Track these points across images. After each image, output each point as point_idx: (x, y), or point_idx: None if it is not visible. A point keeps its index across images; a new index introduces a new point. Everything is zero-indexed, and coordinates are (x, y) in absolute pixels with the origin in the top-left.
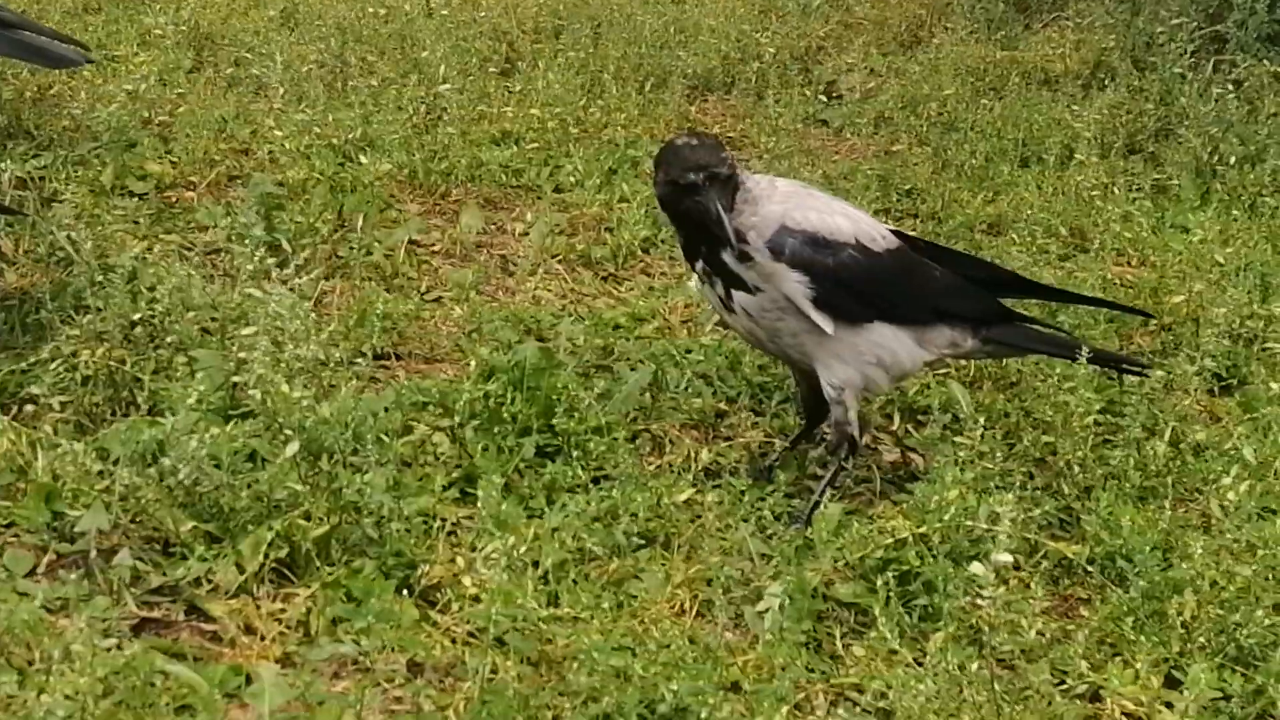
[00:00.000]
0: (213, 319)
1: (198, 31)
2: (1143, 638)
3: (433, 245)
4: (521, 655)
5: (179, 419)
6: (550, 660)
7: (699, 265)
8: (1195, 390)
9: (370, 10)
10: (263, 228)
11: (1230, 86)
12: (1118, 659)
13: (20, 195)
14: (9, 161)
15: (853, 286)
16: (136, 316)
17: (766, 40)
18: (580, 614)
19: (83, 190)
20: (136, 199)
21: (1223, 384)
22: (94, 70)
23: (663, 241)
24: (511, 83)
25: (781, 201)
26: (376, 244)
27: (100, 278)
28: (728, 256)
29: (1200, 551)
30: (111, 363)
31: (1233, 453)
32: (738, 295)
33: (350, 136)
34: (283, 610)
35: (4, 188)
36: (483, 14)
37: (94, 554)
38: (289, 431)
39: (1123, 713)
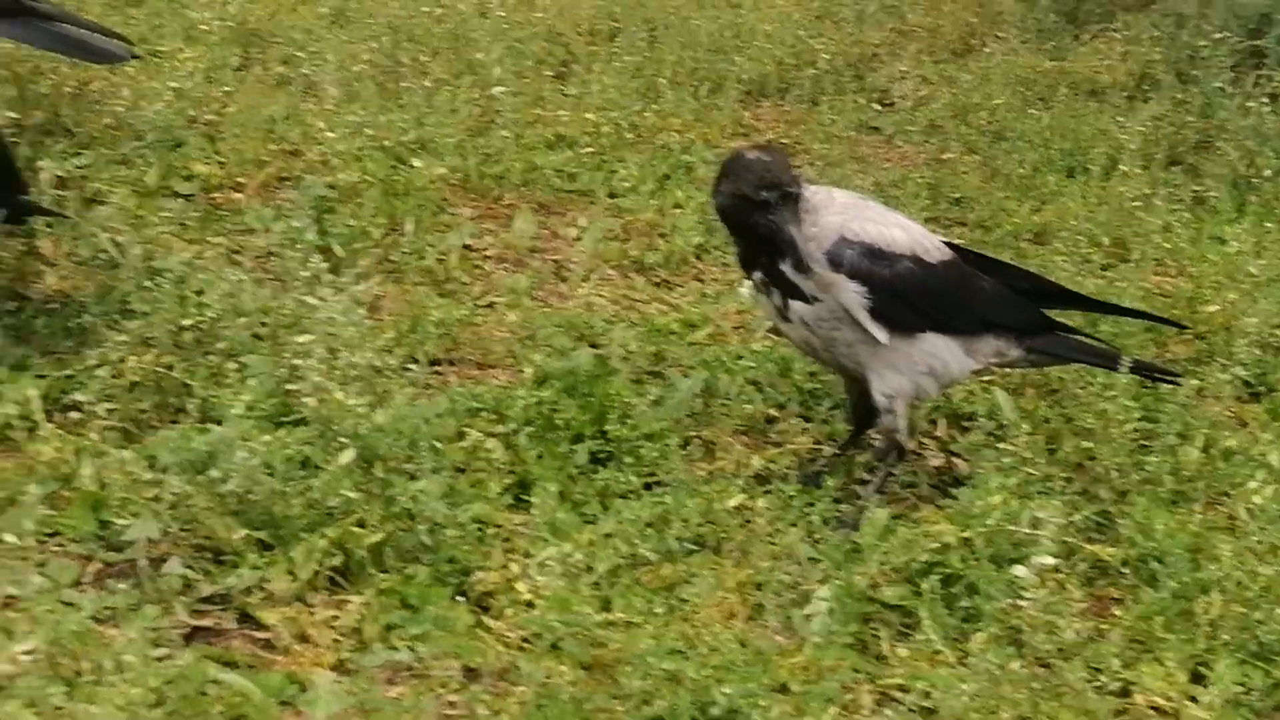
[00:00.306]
0: (263, 324)
1: (245, 28)
2: (1171, 636)
3: (486, 250)
4: (575, 660)
5: (230, 426)
6: (604, 664)
7: (757, 275)
8: (1226, 397)
9: (424, 9)
10: (315, 231)
11: (1267, 100)
12: (1148, 656)
13: (60, 195)
14: (48, 159)
15: (908, 298)
16: (186, 322)
17: (821, 46)
18: (633, 619)
19: (126, 191)
20: (182, 200)
21: (1251, 391)
22: (137, 66)
23: (715, 248)
24: (566, 86)
25: (840, 212)
26: (429, 248)
27: (148, 282)
28: (787, 267)
29: (1228, 553)
30: (159, 369)
31: (1259, 458)
32: (794, 304)
33: (403, 139)
34: (336, 618)
35: (42, 187)
36: (538, 15)
37: (143, 563)
38: (344, 439)
39: (1151, 707)
